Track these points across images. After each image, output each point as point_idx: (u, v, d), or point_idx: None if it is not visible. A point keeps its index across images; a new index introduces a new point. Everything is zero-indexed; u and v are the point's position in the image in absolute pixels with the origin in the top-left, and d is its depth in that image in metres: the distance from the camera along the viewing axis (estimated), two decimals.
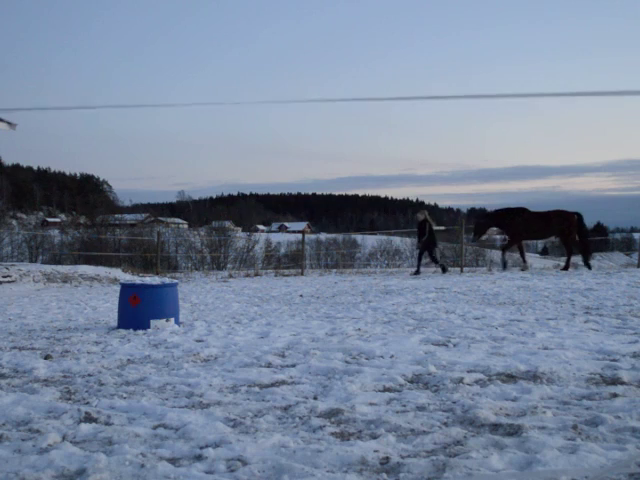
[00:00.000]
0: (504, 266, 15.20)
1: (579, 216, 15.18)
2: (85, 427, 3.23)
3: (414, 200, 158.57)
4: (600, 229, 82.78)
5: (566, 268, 14.98)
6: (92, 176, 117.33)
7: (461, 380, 4.11)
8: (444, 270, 15.02)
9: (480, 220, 15.37)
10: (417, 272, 15.04)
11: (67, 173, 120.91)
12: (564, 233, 14.90)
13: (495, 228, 16.36)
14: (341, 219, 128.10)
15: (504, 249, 15.61)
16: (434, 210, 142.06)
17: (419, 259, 15.41)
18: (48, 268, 15.76)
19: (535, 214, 15.28)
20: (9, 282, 13.28)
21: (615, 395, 3.67)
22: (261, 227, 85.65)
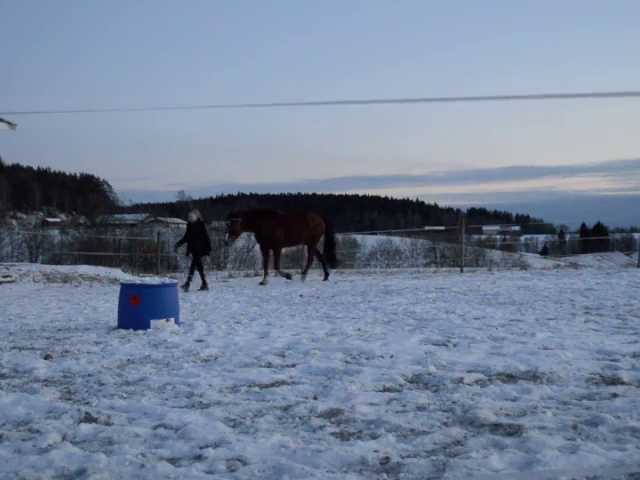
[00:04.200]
0: (288, 276, 13.36)
1: (327, 220, 13.92)
2: (85, 427, 3.23)
3: (414, 200, 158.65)
4: (600, 229, 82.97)
5: (305, 275, 13.72)
6: (92, 176, 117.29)
7: (461, 380, 4.11)
8: (204, 286, 12.23)
9: (232, 219, 13.01)
10: (187, 285, 12.14)
11: (67, 173, 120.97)
12: (314, 238, 13.49)
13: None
14: (341, 219, 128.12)
15: (266, 262, 13.45)
16: (434, 210, 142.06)
17: (200, 268, 12.57)
18: (48, 268, 15.76)
19: (288, 216, 13.72)
20: (9, 282, 13.28)
21: (615, 395, 3.67)
22: None
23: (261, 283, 13.07)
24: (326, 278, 13.74)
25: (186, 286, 12.06)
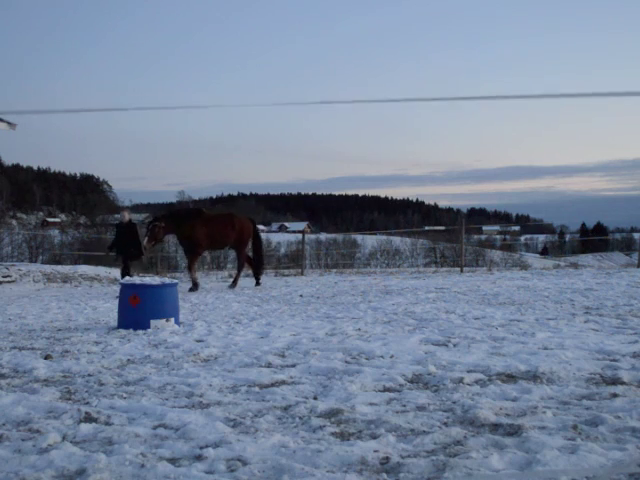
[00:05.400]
0: (194, 287, 11.91)
1: (253, 222, 13.22)
2: (85, 427, 3.23)
3: (414, 200, 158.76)
4: (600, 229, 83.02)
5: (235, 283, 12.71)
6: (92, 176, 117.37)
7: (461, 380, 4.11)
8: None
9: (154, 222, 11.80)
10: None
11: (67, 173, 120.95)
12: (243, 241, 12.65)
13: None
14: (341, 219, 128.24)
15: (191, 266, 12.30)
16: (434, 210, 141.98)
17: (128, 273, 11.43)
18: (48, 268, 15.78)
19: (214, 217, 12.76)
20: (9, 282, 13.28)
21: (615, 395, 3.67)
22: (261, 227, 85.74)
23: (192, 289, 11.83)
24: (258, 283, 12.83)
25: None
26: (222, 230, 12.32)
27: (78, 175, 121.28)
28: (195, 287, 11.93)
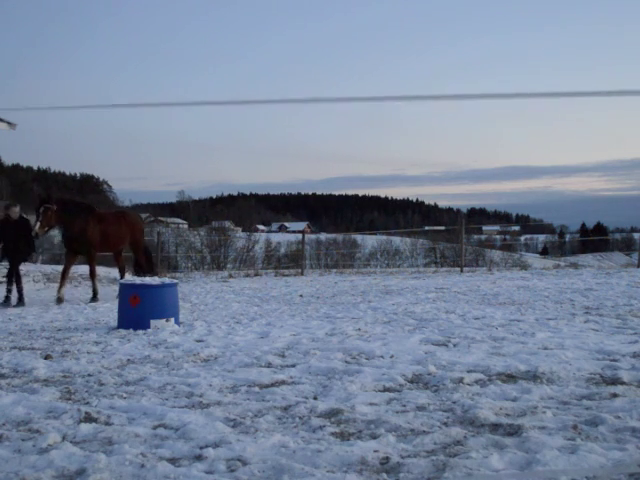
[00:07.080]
0: (94, 296, 10.48)
1: (142, 220, 12.20)
2: (85, 427, 3.23)
3: (414, 200, 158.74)
4: (600, 229, 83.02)
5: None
6: (92, 176, 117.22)
7: (461, 380, 4.11)
8: (7, 300, 9.75)
9: (46, 206, 9.91)
10: (8, 298, 9.78)
11: (67, 173, 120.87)
12: (138, 241, 11.54)
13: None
14: (341, 219, 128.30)
15: (93, 272, 10.74)
16: (434, 210, 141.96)
17: (18, 277, 10.00)
18: (48, 268, 15.74)
19: (107, 215, 11.29)
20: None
21: (615, 395, 3.68)
22: (261, 227, 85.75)
23: (58, 299, 10.10)
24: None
25: (6, 300, 9.79)
26: (117, 230, 11.02)
27: (78, 175, 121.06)
28: (96, 297, 10.49)
